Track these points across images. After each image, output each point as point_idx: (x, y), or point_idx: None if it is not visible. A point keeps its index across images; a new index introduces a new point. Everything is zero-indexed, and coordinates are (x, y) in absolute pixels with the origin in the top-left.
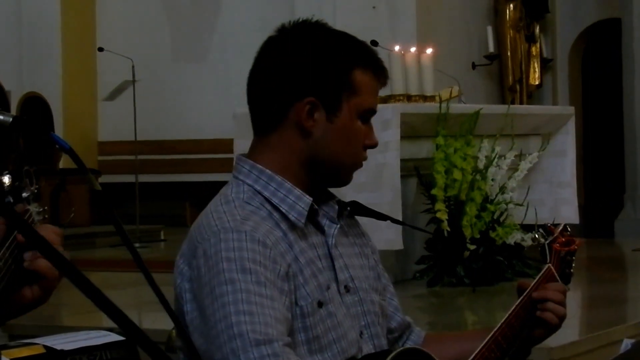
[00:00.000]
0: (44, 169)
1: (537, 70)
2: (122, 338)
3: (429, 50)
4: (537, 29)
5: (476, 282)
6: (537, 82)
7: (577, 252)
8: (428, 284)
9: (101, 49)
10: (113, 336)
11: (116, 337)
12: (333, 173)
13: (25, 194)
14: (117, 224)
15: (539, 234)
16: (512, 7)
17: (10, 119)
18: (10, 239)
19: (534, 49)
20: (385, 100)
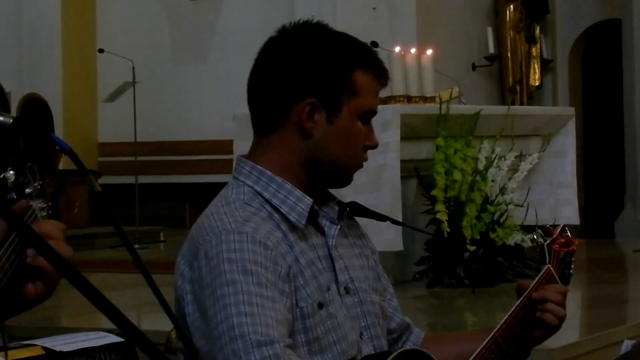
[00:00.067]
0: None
1: (537, 71)
2: (121, 339)
3: (429, 51)
4: (537, 30)
5: (476, 283)
6: (537, 83)
7: (577, 253)
8: (428, 285)
9: (101, 51)
10: (112, 337)
11: (115, 338)
12: (333, 174)
13: (28, 190)
14: (117, 225)
15: (537, 235)
16: (512, 8)
17: (11, 120)
18: (13, 235)
19: (534, 49)
20: (385, 101)
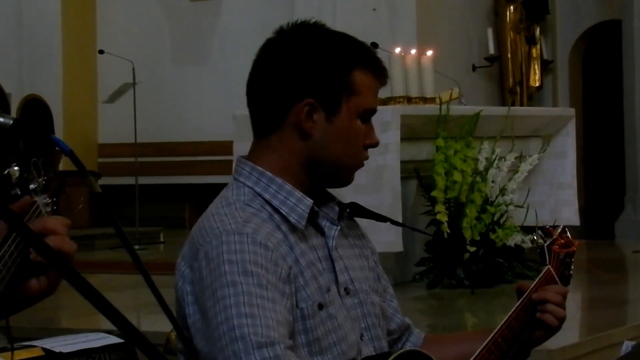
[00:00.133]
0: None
1: (538, 71)
2: (121, 340)
3: (429, 52)
4: (538, 31)
5: (476, 284)
6: (537, 84)
7: (577, 254)
8: (428, 286)
9: (102, 52)
10: (112, 338)
11: (115, 339)
12: (333, 173)
13: (33, 186)
14: (117, 226)
15: (538, 236)
16: (512, 8)
17: (11, 122)
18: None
19: (534, 50)
20: (385, 102)
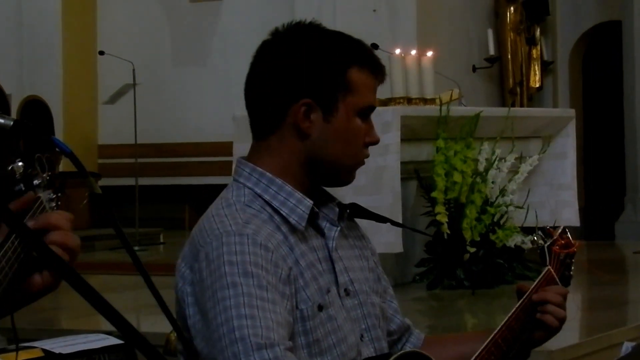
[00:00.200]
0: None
1: (538, 72)
2: (120, 341)
3: (429, 53)
4: (538, 32)
5: (476, 285)
6: (537, 85)
7: (577, 255)
8: (428, 287)
9: (102, 53)
10: (112, 339)
11: (115, 340)
12: (333, 173)
13: (36, 182)
14: (117, 227)
15: (538, 236)
16: (512, 9)
17: (11, 123)
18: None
19: (534, 51)
20: (385, 102)
